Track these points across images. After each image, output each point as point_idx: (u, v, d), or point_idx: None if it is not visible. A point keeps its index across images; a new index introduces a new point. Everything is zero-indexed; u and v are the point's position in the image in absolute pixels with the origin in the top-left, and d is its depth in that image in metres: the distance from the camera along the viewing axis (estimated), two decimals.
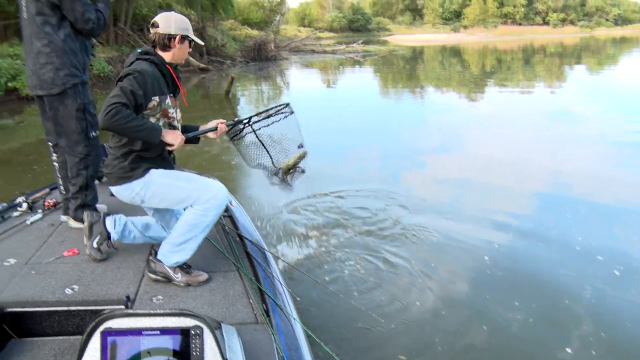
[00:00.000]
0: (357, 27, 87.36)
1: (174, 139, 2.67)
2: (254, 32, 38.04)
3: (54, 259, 2.96)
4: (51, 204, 3.76)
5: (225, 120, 2.98)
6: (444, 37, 68.13)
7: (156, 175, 2.72)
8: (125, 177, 2.67)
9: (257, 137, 3.12)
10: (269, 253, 3.24)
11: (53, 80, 3.17)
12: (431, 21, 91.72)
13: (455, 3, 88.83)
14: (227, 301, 2.58)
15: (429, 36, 68.84)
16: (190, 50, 2.94)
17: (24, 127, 12.29)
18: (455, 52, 40.70)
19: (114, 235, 2.94)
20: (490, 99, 15.68)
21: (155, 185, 2.71)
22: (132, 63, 2.65)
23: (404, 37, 70.08)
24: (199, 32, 27.09)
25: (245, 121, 3.07)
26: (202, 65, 23.26)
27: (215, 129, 2.92)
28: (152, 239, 3.05)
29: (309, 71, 26.02)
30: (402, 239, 4.97)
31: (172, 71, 2.76)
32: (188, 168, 4.15)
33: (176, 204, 2.80)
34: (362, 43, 37.32)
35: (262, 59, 28.98)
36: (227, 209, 3.67)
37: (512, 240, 4.99)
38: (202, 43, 3.03)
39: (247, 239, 3.25)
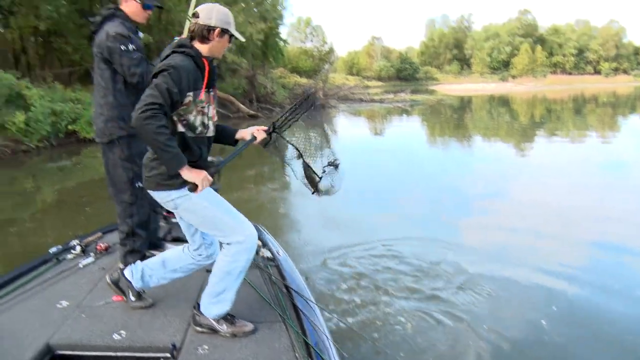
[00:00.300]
0: (404, 76, 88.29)
1: (196, 178, 2.49)
2: (303, 80, 38.87)
3: (104, 303, 3.00)
4: (103, 247, 3.85)
5: (262, 127, 2.90)
6: (492, 86, 67.91)
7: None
8: (164, 184, 2.57)
9: (285, 140, 3.07)
10: (315, 305, 3.17)
11: (102, 130, 3.33)
12: (479, 70, 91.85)
13: (504, 53, 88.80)
14: (272, 353, 2.53)
15: (476, 86, 68.79)
16: (230, 45, 2.79)
17: (80, 168, 12.79)
18: (504, 101, 40.44)
19: (136, 284, 2.91)
20: (540, 148, 15.43)
21: (192, 202, 2.60)
22: (167, 57, 2.53)
23: (451, 86, 70.25)
24: (249, 79, 27.92)
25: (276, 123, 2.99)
26: (252, 112, 23.85)
27: (254, 139, 2.86)
28: (177, 274, 2.98)
29: (357, 119, 26.27)
30: (454, 292, 4.82)
31: (208, 65, 2.61)
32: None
33: (205, 229, 2.74)
34: (409, 92, 37.55)
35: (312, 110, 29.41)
36: (274, 258, 3.64)
37: (573, 295, 4.78)
38: (243, 39, 2.88)
39: (293, 290, 3.19)
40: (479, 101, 41.35)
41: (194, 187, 2.50)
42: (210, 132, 2.73)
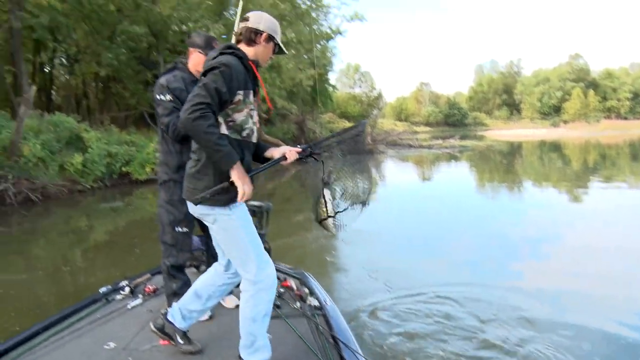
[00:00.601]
0: (453, 121, 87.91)
1: (242, 181, 2.45)
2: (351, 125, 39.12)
3: (150, 346, 2.98)
4: (151, 289, 3.87)
5: (296, 147, 2.81)
6: (543, 132, 66.60)
7: (236, 213, 2.58)
8: (210, 199, 2.51)
9: (318, 161, 3.01)
10: (363, 358, 3.07)
11: (157, 173, 3.57)
12: (529, 116, 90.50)
13: (555, 98, 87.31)
14: None
15: (527, 131, 67.58)
16: (273, 57, 2.81)
17: (131, 209, 13.06)
18: (555, 147, 39.51)
19: (180, 326, 2.88)
20: (594, 194, 14.84)
21: (230, 222, 2.57)
22: (214, 58, 2.52)
23: (501, 132, 69.31)
24: (299, 125, 28.28)
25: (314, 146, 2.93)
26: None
27: (285, 158, 2.78)
28: (213, 300, 2.93)
29: (405, 165, 26.12)
30: (516, 343, 4.52)
31: (254, 68, 2.63)
32: None
33: (229, 252, 2.69)
34: (458, 138, 37.22)
35: (359, 152, 29.48)
36: (321, 307, 3.57)
37: None
38: (287, 53, 2.90)
39: (341, 341, 3.09)
40: (529, 147, 40.54)
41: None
42: (254, 139, 2.70)
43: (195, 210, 2.63)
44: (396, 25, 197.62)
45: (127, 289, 3.85)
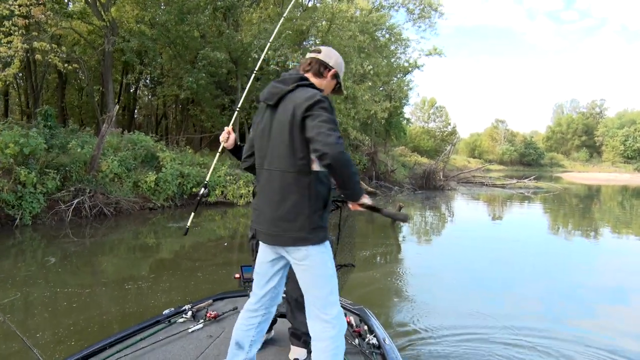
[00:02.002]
0: (528, 161, 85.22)
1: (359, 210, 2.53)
2: (424, 160, 38.65)
3: None
4: (212, 315, 3.84)
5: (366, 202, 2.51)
6: (626, 177, 63.13)
7: (326, 248, 2.53)
8: (303, 238, 2.43)
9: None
10: None
11: None
12: (610, 159, 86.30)
13: None
14: None
15: (608, 175, 64.33)
16: (330, 94, 2.79)
17: (198, 231, 13.20)
18: (639, 193, 37.36)
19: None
20: None
21: (323, 257, 2.50)
22: (295, 87, 2.49)
23: (579, 174, 66.41)
24: (371, 156, 28.14)
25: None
26: (370, 189, 23.80)
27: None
28: (257, 345, 2.84)
29: (476, 204, 25.35)
30: None
31: None
32: None
33: (314, 288, 2.54)
34: (533, 179, 35.87)
35: (430, 187, 29.00)
36: (379, 346, 3.46)
37: None
38: (344, 93, 2.93)
39: None
40: (609, 191, 38.52)
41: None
42: None
43: (279, 252, 2.59)
44: (474, 61, 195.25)
45: (189, 313, 3.87)
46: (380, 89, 26.04)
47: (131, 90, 27.71)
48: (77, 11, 21.48)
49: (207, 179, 3.82)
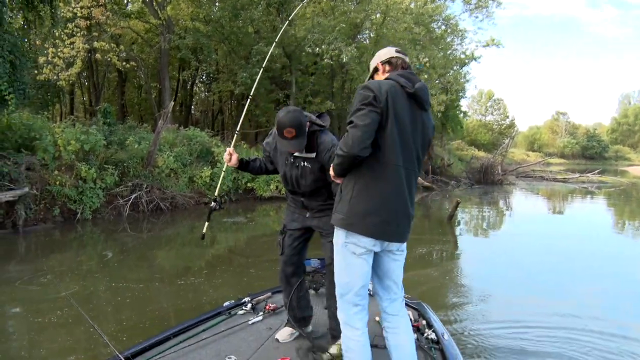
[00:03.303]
0: (591, 154, 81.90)
1: None
2: (481, 154, 37.71)
3: None
4: (271, 308, 3.97)
5: None
6: None
7: None
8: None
9: None
10: None
11: None
12: None
13: None
14: None
15: None
16: None
17: (252, 226, 13.26)
18: None
19: None
20: None
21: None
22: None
23: None
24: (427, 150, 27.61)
25: None
26: (426, 184, 23.37)
27: None
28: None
29: (536, 198, 24.53)
30: None
31: None
32: None
33: (398, 277, 2.84)
34: (597, 173, 34.34)
35: (488, 182, 28.24)
36: (438, 341, 3.47)
37: None
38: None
39: None
40: None
41: None
42: None
43: (385, 247, 2.67)
44: (533, 52, 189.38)
45: (249, 305, 3.99)
46: (437, 81, 25.44)
47: (188, 87, 28.20)
48: (134, 11, 22.05)
49: (216, 193, 3.93)
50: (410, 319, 3.57)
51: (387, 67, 2.76)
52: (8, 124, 11.96)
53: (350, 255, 2.56)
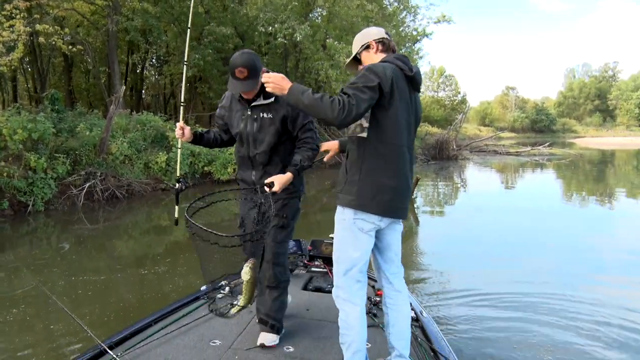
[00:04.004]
0: (540, 127, 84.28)
1: None
2: (435, 130, 38.17)
3: (254, 346, 3.07)
4: None
5: None
6: None
7: None
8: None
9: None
10: None
11: None
12: (625, 123, 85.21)
13: None
14: None
15: (623, 139, 63.26)
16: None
17: (211, 210, 13.03)
18: None
19: None
20: None
21: None
22: None
23: (593, 139, 65.38)
24: None
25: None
26: None
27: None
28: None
29: (490, 172, 25.07)
30: None
31: None
32: None
33: (397, 253, 2.96)
34: (547, 145, 35.31)
35: (443, 157, 28.66)
36: (417, 319, 3.49)
37: None
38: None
39: (441, 354, 3.08)
40: (624, 155, 37.94)
41: None
42: None
43: (389, 224, 2.78)
44: (482, 28, 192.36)
45: (227, 289, 3.92)
46: None
47: (138, 71, 27.42)
48: None
49: (178, 173, 3.69)
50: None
51: (380, 47, 2.77)
52: None
53: (358, 231, 2.62)
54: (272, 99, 2.95)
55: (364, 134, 2.59)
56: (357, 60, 2.87)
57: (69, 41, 18.86)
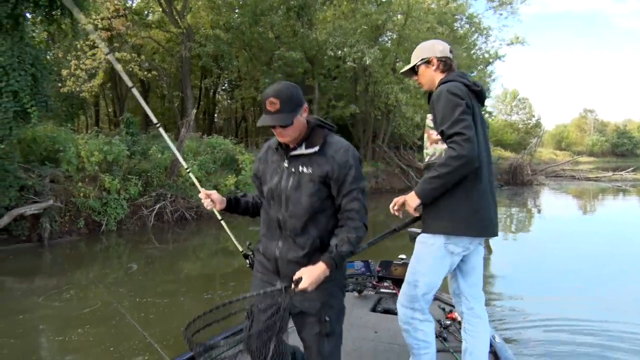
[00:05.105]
0: (622, 151, 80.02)
1: None
2: (508, 154, 37.01)
3: None
4: None
5: None
6: None
7: None
8: None
9: None
10: None
11: None
12: None
13: None
14: None
15: None
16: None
17: None
18: None
19: None
20: None
21: None
22: None
23: None
24: None
25: None
26: None
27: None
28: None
29: (567, 198, 23.92)
30: None
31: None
32: None
33: (480, 274, 2.90)
34: (631, 171, 33.33)
35: (517, 183, 27.58)
36: (491, 344, 3.23)
37: None
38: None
39: None
40: None
41: None
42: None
43: (481, 242, 2.78)
44: (557, 47, 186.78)
45: None
46: None
47: (210, 95, 28.19)
48: (155, 20, 22.14)
49: (240, 248, 3.19)
50: (459, 321, 3.50)
51: (442, 66, 2.71)
52: (33, 137, 11.91)
53: (447, 255, 2.58)
54: (317, 148, 2.28)
55: None
56: (413, 70, 2.81)
57: (146, 67, 19.62)
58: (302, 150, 2.31)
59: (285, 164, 2.35)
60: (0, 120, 9.80)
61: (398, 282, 4.26)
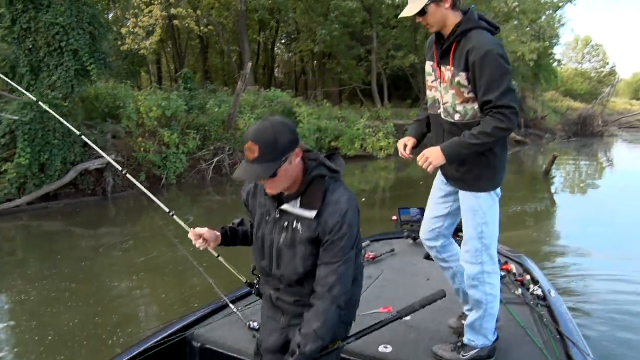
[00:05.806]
0: None
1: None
2: (577, 105, 35.30)
3: (371, 312, 2.99)
4: (370, 256, 3.84)
5: None
6: None
7: None
8: None
9: None
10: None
11: None
12: None
13: None
14: None
15: None
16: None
17: None
18: None
19: None
20: None
21: None
22: None
23: None
24: (519, 103, 26.14)
25: None
26: (518, 138, 22.04)
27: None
28: None
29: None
30: None
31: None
32: None
33: None
34: None
35: (586, 134, 26.32)
36: (545, 297, 3.24)
37: None
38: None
39: (569, 338, 2.76)
40: None
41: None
42: (437, 111, 2.51)
43: None
44: None
45: None
46: (527, 28, 23.76)
47: (268, 49, 28.08)
48: None
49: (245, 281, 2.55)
50: (514, 273, 3.51)
51: (453, 2, 2.29)
52: (95, 94, 12.25)
53: (497, 202, 2.61)
54: (314, 213, 1.84)
55: None
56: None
57: (203, 23, 19.66)
58: (296, 210, 1.89)
59: (277, 215, 1.95)
60: (62, 78, 10.16)
61: (455, 231, 4.13)
